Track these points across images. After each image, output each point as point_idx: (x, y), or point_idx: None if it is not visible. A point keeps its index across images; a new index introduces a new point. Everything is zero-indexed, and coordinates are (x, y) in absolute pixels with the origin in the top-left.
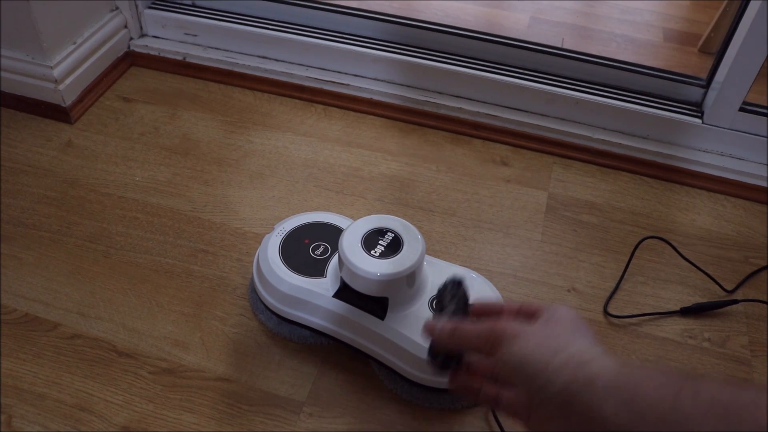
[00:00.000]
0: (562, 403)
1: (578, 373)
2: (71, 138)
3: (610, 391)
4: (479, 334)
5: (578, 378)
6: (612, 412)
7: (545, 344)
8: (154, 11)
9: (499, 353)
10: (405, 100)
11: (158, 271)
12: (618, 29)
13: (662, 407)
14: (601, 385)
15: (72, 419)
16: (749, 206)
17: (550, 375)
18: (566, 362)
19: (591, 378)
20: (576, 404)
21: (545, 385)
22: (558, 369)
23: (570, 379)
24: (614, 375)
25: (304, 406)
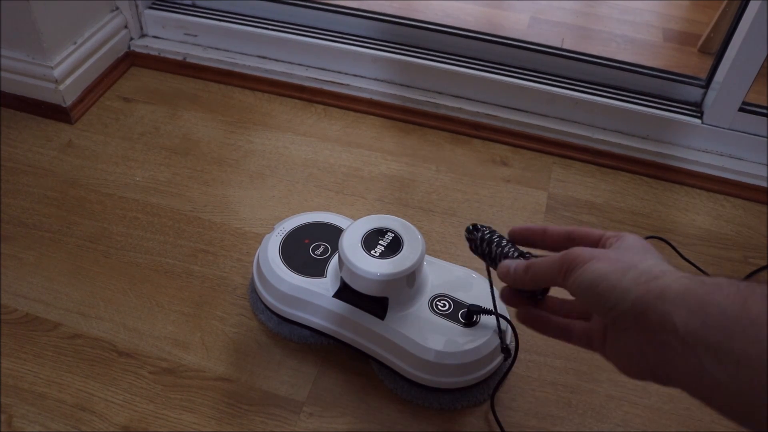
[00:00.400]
0: (635, 317)
1: (649, 286)
2: (71, 138)
3: (681, 300)
4: (553, 266)
5: (650, 291)
6: (682, 321)
7: (617, 264)
8: (155, 11)
9: (572, 277)
10: (405, 100)
11: (158, 271)
12: (618, 29)
13: (731, 313)
14: (672, 295)
15: (72, 419)
16: (749, 206)
17: (622, 291)
18: (637, 278)
19: (662, 290)
20: (648, 316)
21: (618, 302)
22: (630, 284)
23: (642, 293)
24: (684, 286)
25: (304, 406)
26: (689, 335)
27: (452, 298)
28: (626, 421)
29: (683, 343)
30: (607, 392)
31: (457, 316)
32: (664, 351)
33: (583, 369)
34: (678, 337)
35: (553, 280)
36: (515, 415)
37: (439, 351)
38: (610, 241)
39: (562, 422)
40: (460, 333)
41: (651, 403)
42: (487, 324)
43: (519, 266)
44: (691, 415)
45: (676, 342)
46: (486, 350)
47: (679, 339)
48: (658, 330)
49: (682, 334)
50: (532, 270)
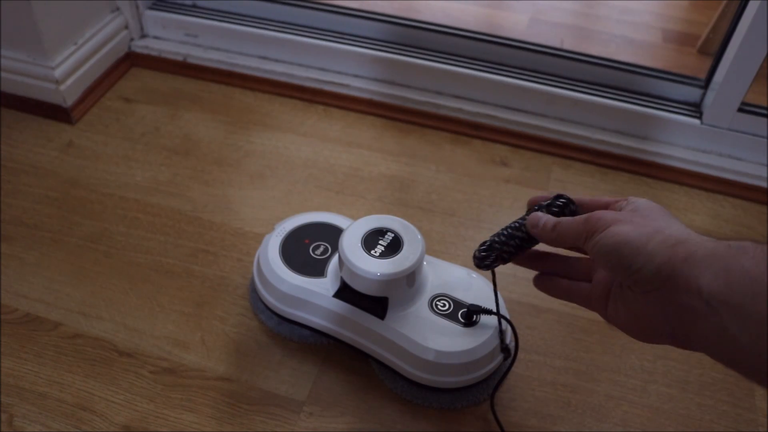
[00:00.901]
0: (661, 281)
1: (676, 250)
2: (72, 138)
3: (706, 263)
4: (578, 227)
5: (676, 255)
6: (706, 283)
7: (642, 228)
8: (155, 12)
9: (594, 239)
10: (405, 100)
11: (159, 271)
12: (617, 30)
13: (755, 275)
14: (698, 259)
15: (73, 418)
16: (748, 206)
17: (647, 255)
18: (664, 242)
19: (688, 254)
20: (673, 280)
21: (643, 266)
22: (655, 249)
23: (668, 257)
24: (710, 249)
25: (305, 406)
26: (713, 297)
27: (452, 298)
28: (626, 420)
29: (707, 305)
30: (606, 392)
31: (457, 316)
32: (687, 313)
33: (583, 369)
34: (702, 299)
35: (576, 241)
36: (515, 414)
37: (439, 351)
38: (619, 204)
39: (561, 422)
40: (460, 333)
41: (651, 402)
42: (486, 324)
43: (548, 222)
44: (690, 415)
45: (700, 304)
46: (486, 350)
47: (702, 301)
48: (682, 293)
49: (706, 296)
50: (558, 227)
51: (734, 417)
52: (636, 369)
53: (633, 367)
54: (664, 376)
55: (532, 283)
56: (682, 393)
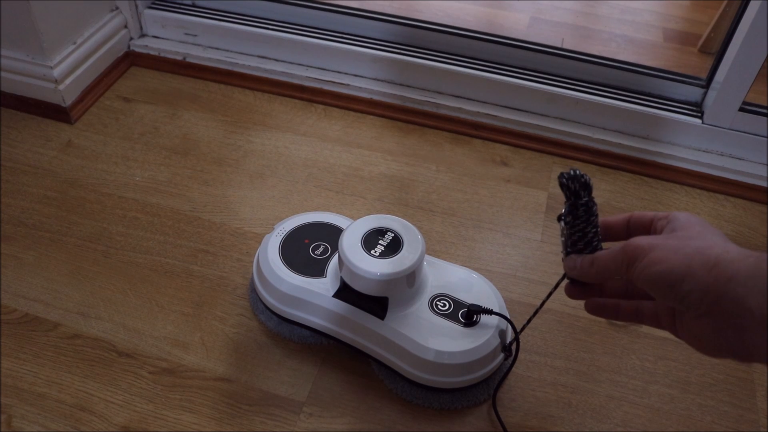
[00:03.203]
0: (709, 305)
1: (718, 271)
2: (71, 138)
3: (752, 282)
4: (615, 259)
5: (720, 276)
6: (757, 304)
7: (680, 252)
8: (154, 11)
9: (636, 269)
10: (405, 100)
11: (158, 271)
12: (618, 29)
13: None
14: (743, 278)
15: (72, 419)
16: (749, 206)
17: (691, 280)
18: (704, 264)
19: (732, 274)
20: (721, 303)
21: (689, 292)
22: (698, 272)
23: (712, 279)
24: (753, 268)
25: (304, 406)
26: (765, 317)
27: (452, 298)
28: (626, 421)
29: (761, 324)
30: (607, 392)
31: (457, 316)
32: (743, 333)
33: (583, 369)
34: (755, 319)
35: (617, 272)
36: (515, 415)
37: (439, 351)
38: (661, 223)
39: (562, 422)
40: (460, 333)
41: (651, 403)
42: (487, 324)
43: (585, 261)
44: (691, 415)
45: (754, 324)
46: (486, 350)
47: (756, 321)
48: (733, 314)
49: (759, 316)
50: (596, 264)
51: (735, 417)
52: (637, 369)
53: (634, 368)
54: (665, 376)
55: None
56: (683, 393)
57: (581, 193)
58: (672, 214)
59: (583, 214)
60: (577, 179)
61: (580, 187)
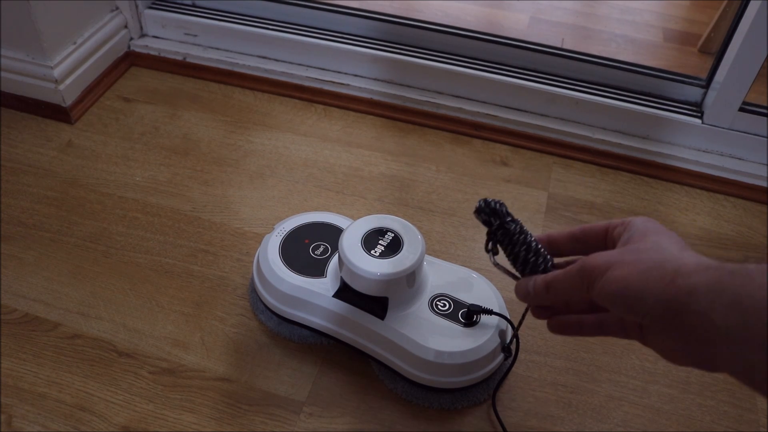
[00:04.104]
0: (671, 319)
1: (677, 285)
2: (71, 138)
3: (714, 295)
4: (573, 280)
5: (680, 291)
6: (720, 318)
7: (637, 267)
8: (154, 11)
9: (595, 289)
10: (405, 100)
11: (158, 271)
12: (618, 29)
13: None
14: (703, 291)
15: (72, 419)
16: (749, 206)
17: (650, 297)
18: (662, 279)
19: (692, 287)
20: (683, 317)
21: (649, 309)
22: (656, 288)
23: (672, 294)
24: (713, 281)
25: (304, 406)
26: (731, 332)
27: (452, 298)
28: (626, 421)
29: (726, 339)
30: (607, 392)
31: (457, 316)
32: (708, 347)
33: (583, 369)
34: (720, 334)
35: (577, 294)
36: (515, 415)
37: (439, 351)
38: (617, 230)
39: (562, 422)
40: (460, 333)
41: (651, 403)
42: (487, 324)
43: (538, 286)
44: (691, 415)
45: (719, 339)
46: (486, 350)
47: (721, 336)
48: (697, 328)
49: (724, 331)
50: (552, 288)
51: (735, 417)
52: (637, 369)
53: (634, 368)
54: (664, 376)
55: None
56: (683, 393)
57: (491, 221)
58: (628, 220)
59: (502, 237)
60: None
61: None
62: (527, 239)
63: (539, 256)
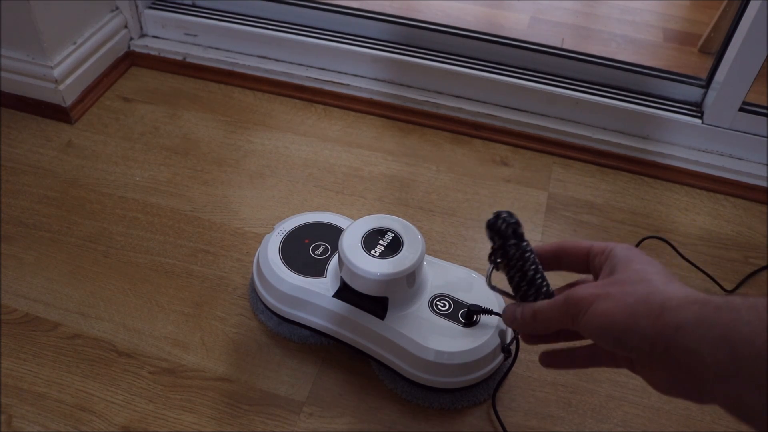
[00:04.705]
0: (659, 355)
1: (664, 320)
2: (71, 138)
3: (702, 332)
4: (559, 311)
5: (666, 326)
6: (709, 354)
7: (623, 302)
8: (154, 11)
9: (581, 323)
10: (405, 100)
11: (158, 271)
12: (618, 29)
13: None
14: (690, 327)
15: (72, 419)
16: (749, 206)
17: (637, 332)
18: (649, 315)
19: (678, 323)
20: (671, 353)
21: (636, 344)
22: (643, 323)
23: (658, 330)
24: (699, 316)
25: (304, 406)
26: (720, 368)
27: (452, 298)
28: (626, 421)
29: (715, 375)
30: (607, 392)
31: (457, 316)
32: (697, 382)
33: (584, 370)
34: (709, 370)
35: (562, 324)
36: (515, 415)
37: (439, 351)
38: (598, 259)
39: (562, 422)
40: (460, 333)
41: (651, 403)
42: (487, 324)
43: (526, 313)
44: (691, 415)
45: (709, 374)
46: (486, 350)
47: (711, 372)
48: (685, 364)
49: (713, 368)
50: (539, 317)
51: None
52: None
53: None
54: None
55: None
56: None
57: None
58: (609, 248)
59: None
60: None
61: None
62: (525, 266)
63: (532, 286)
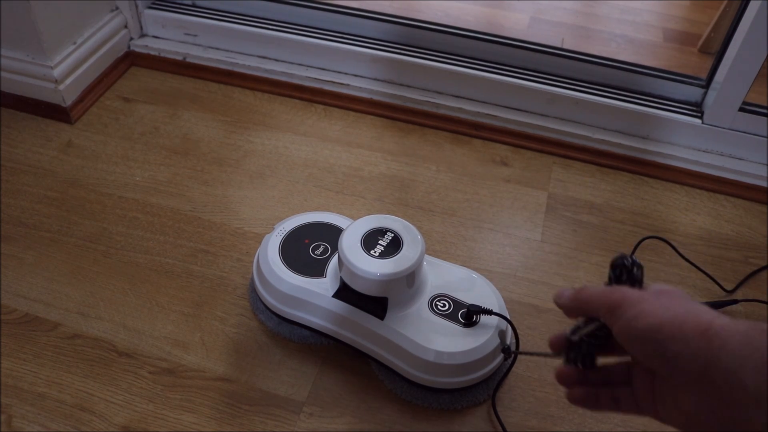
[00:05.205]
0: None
1: (709, 337)
2: (71, 138)
3: (746, 354)
4: (601, 296)
5: (711, 343)
6: (751, 378)
7: (672, 309)
8: (154, 11)
9: (622, 320)
10: (405, 100)
11: (158, 271)
12: (618, 29)
13: None
14: (734, 347)
15: (72, 419)
16: (749, 206)
17: (681, 341)
18: (697, 326)
19: (723, 343)
20: (711, 372)
21: (680, 351)
22: (690, 333)
23: (703, 345)
24: (744, 338)
25: (304, 406)
26: (762, 394)
27: (452, 298)
28: (626, 421)
29: (756, 402)
30: None
31: (457, 316)
32: (735, 409)
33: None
34: (748, 395)
35: (598, 310)
36: (515, 415)
37: (438, 351)
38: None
39: (562, 422)
40: (460, 333)
41: None
42: (486, 324)
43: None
44: None
45: (748, 400)
46: (486, 350)
47: (750, 398)
48: (725, 387)
49: (753, 393)
50: (583, 293)
51: None
52: None
53: None
54: None
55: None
56: None
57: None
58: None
59: None
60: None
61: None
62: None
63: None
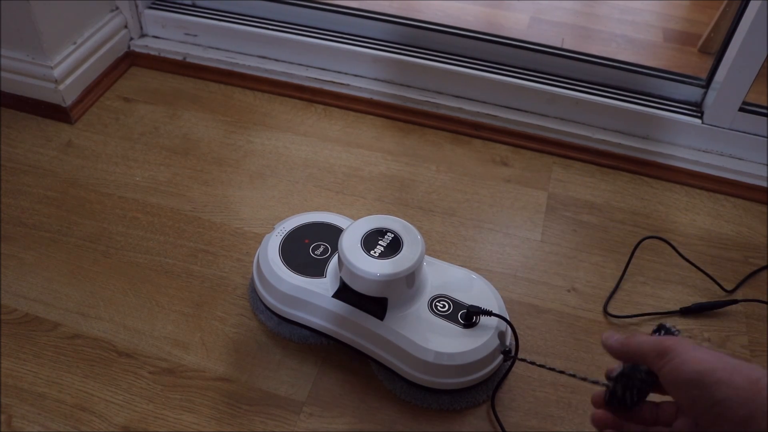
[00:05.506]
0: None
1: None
2: (71, 138)
3: None
4: (650, 343)
5: (760, 394)
6: None
7: (723, 359)
8: (155, 11)
9: (673, 363)
10: (405, 100)
11: (158, 271)
12: (618, 29)
13: None
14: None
15: (72, 419)
16: (749, 206)
17: (729, 387)
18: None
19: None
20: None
21: (729, 396)
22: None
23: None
24: None
25: (304, 406)
26: None
27: (452, 299)
28: None
29: None
30: None
31: (457, 317)
32: None
33: (583, 369)
34: None
35: (647, 358)
36: (515, 415)
37: (438, 352)
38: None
39: (562, 422)
40: (460, 334)
41: None
42: (486, 325)
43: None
44: None
45: None
46: (485, 351)
47: None
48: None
49: None
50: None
51: None
52: None
53: None
54: None
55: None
56: None
57: None
58: None
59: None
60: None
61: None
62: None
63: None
